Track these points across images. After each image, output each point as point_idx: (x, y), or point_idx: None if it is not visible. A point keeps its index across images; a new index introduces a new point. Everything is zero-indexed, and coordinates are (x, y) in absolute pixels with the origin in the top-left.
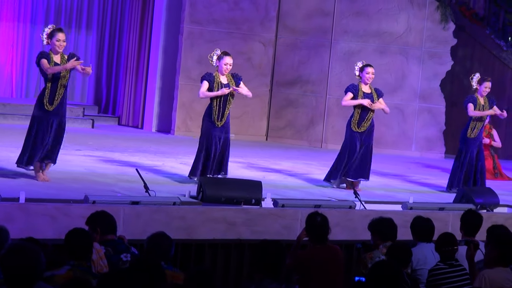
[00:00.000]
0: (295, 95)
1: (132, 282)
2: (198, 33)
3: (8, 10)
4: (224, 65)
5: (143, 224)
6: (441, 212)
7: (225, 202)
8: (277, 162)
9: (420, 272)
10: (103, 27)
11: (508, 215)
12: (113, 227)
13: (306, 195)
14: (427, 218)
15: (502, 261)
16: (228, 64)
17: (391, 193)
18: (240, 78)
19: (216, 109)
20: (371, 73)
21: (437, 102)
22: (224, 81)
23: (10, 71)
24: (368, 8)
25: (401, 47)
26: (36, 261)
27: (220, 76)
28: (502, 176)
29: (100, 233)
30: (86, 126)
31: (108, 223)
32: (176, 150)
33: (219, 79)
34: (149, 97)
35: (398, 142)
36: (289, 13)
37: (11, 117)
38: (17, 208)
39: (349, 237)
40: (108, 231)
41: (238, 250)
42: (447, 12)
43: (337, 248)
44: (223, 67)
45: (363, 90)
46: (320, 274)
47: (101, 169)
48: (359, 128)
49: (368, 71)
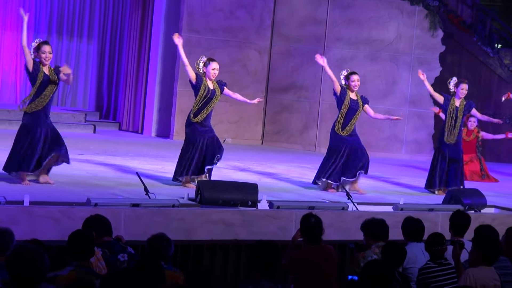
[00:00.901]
0: (289, 101)
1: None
2: (196, 42)
3: (12, 20)
4: (211, 70)
5: (144, 225)
6: (431, 213)
7: (223, 204)
8: (272, 166)
9: (411, 271)
10: (104, 36)
11: (495, 215)
12: (108, 230)
13: (300, 197)
14: (417, 219)
15: (485, 261)
16: (215, 69)
17: (383, 195)
18: (225, 84)
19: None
20: (357, 80)
21: (426, 106)
22: (210, 86)
23: (14, 79)
24: (360, 16)
25: (391, 54)
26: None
27: (208, 81)
28: (489, 178)
29: (96, 236)
30: (88, 132)
31: (102, 226)
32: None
33: (206, 83)
34: (148, 103)
35: (389, 145)
36: (283, 21)
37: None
38: (21, 211)
39: (342, 237)
40: (104, 233)
41: (235, 251)
42: (436, 20)
43: (331, 248)
44: (210, 72)
45: (350, 96)
46: (314, 274)
47: (102, 172)
48: (343, 131)
49: (353, 78)
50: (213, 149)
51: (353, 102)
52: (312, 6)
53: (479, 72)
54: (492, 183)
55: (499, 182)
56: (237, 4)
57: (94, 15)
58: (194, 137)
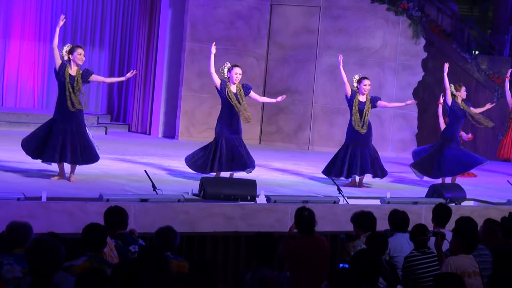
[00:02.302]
0: (284, 104)
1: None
2: (198, 50)
3: (30, 31)
4: (234, 74)
5: (152, 219)
6: (415, 206)
7: (224, 199)
8: (270, 163)
9: (397, 259)
10: (114, 44)
11: (474, 208)
12: (124, 223)
13: (295, 192)
14: (402, 211)
15: (465, 250)
16: (238, 73)
17: (371, 189)
18: (250, 88)
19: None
20: (368, 84)
21: (410, 108)
22: (234, 90)
23: (32, 85)
24: (348, 26)
25: (378, 60)
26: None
27: (231, 85)
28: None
29: (112, 227)
30: (100, 133)
31: (120, 217)
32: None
33: (230, 88)
34: (155, 107)
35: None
36: (279, 31)
37: (34, 125)
38: (39, 206)
39: (334, 228)
40: (120, 225)
41: (236, 241)
42: (418, 29)
43: (323, 238)
44: (233, 77)
45: (359, 99)
46: (308, 262)
47: (114, 170)
48: (362, 128)
49: (365, 83)
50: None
51: (361, 104)
52: (305, 17)
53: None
54: (471, 178)
55: (477, 177)
56: (236, 15)
57: (105, 26)
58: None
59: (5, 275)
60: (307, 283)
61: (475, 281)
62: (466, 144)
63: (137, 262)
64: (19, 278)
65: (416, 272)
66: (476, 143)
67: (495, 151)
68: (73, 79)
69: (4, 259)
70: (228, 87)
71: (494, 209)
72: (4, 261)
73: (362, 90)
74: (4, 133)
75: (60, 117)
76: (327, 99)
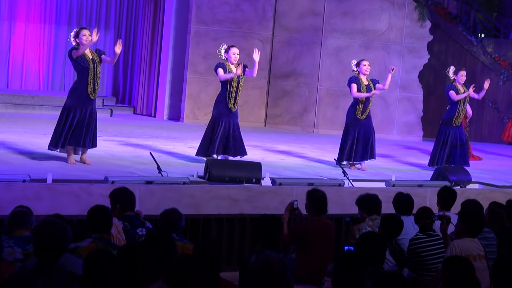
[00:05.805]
0: (290, 86)
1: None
2: (204, 32)
3: (35, 13)
4: (232, 54)
5: (157, 201)
6: (420, 189)
7: (229, 181)
8: (275, 146)
9: (402, 242)
10: (119, 27)
11: (479, 191)
12: (132, 204)
13: (300, 174)
14: (407, 194)
15: (469, 233)
16: (236, 53)
17: (376, 171)
18: (246, 66)
19: (231, 95)
20: (367, 65)
21: (415, 91)
22: (233, 70)
23: (37, 67)
24: (354, 8)
25: (383, 43)
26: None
27: (230, 65)
28: (473, 156)
29: (120, 209)
30: (106, 115)
31: (127, 200)
32: (185, 136)
33: (230, 68)
34: (160, 89)
35: (382, 127)
36: (284, 13)
37: (39, 108)
38: (45, 188)
39: (339, 211)
40: (127, 208)
41: (241, 224)
42: (424, 11)
43: (329, 221)
44: (232, 57)
45: (364, 84)
46: (314, 244)
47: (119, 152)
48: (363, 115)
49: (364, 63)
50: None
51: (367, 87)
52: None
53: (464, 59)
54: (476, 161)
55: (482, 160)
56: None
57: (111, 8)
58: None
59: (6, 257)
60: (312, 264)
61: (481, 264)
62: (472, 122)
63: (143, 245)
64: (20, 260)
65: (422, 254)
66: (481, 126)
67: (500, 134)
68: (94, 61)
69: (5, 242)
70: (228, 67)
71: (499, 192)
72: (4, 244)
73: (362, 70)
74: (10, 115)
75: (79, 103)
76: (332, 82)
